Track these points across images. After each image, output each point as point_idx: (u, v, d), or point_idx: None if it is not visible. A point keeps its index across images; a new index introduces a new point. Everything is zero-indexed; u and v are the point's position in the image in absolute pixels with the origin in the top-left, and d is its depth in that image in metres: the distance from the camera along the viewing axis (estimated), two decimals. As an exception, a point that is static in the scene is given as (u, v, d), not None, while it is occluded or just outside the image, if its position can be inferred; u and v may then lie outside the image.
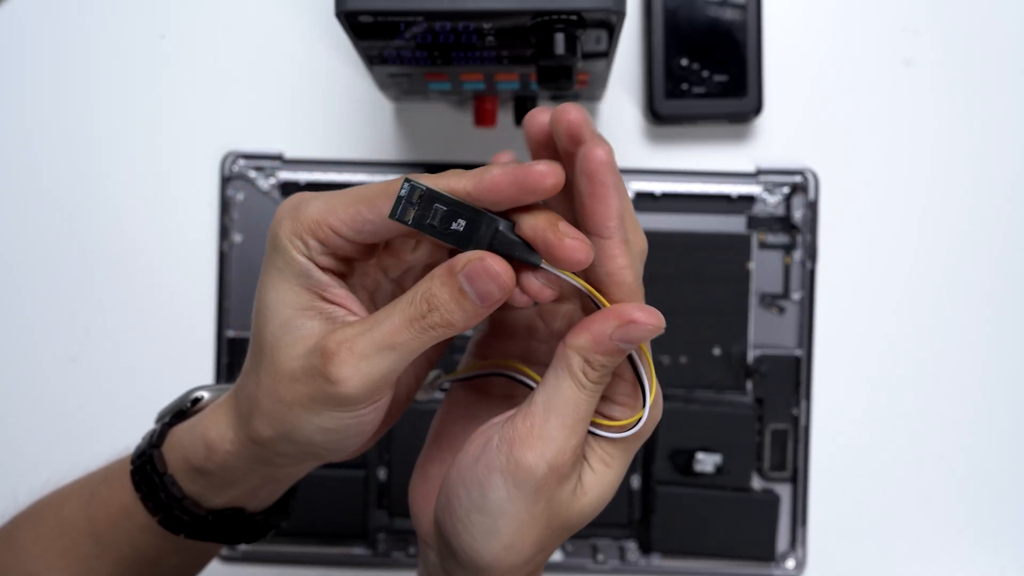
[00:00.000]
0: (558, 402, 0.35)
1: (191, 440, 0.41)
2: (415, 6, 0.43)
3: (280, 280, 0.36)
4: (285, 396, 0.36)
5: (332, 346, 0.34)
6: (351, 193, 0.35)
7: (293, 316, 0.36)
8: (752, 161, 0.64)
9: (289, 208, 0.36)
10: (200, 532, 0.43)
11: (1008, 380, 0.65)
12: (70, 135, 0.65)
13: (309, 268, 0.36)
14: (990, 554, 0.65)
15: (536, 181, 0.33)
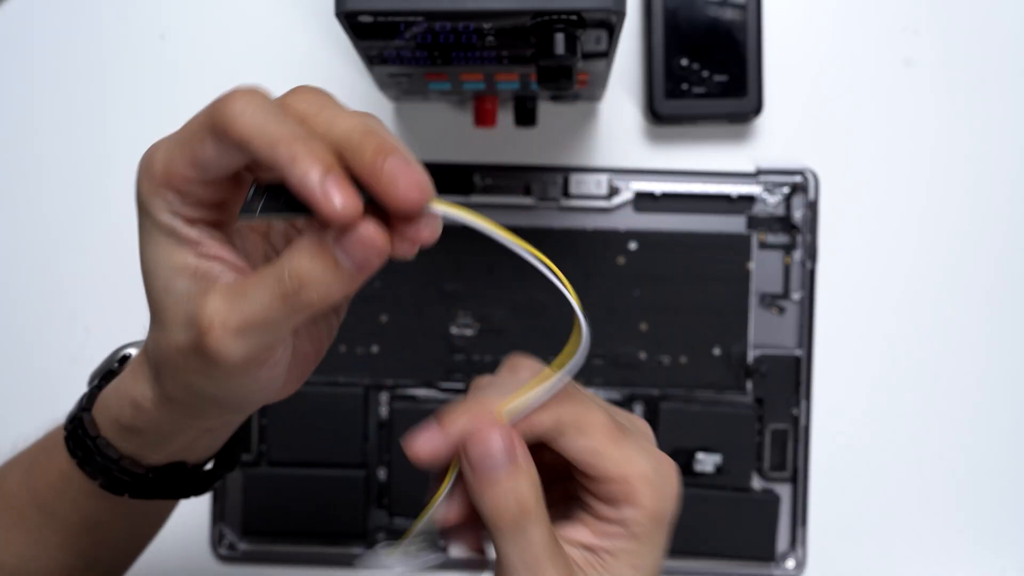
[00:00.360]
0: (504, 563, 0.34)
1: (117, 400, 0.40)
2: (415, 6, 0.43)
3: (152, 242, 0.34)
4: (179, 363, 0.35)
5: (205, 322, 0.32)
6: (184, 130, 0.33)
7: (170, 277, 0.34)
8: (752, 161, 0.64)
9: (143, 164, 0.34)
10: (143, 491, 0.42)
11: (1008, 380, 0.65)
12: (70, 135, 0.65)
13: (175, 225, 0.34)
14: (990, 554, 0.65)
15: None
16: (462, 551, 0.37)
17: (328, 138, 0.31)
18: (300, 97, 0.33)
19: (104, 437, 0.41)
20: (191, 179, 0.33)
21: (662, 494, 0.35)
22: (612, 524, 0.35)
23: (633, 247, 0.64)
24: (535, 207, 0.64)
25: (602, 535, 0.35)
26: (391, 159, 0.30)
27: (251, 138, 0.30)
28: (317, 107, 0.32)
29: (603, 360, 0.63)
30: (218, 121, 0.31)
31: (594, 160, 0.65)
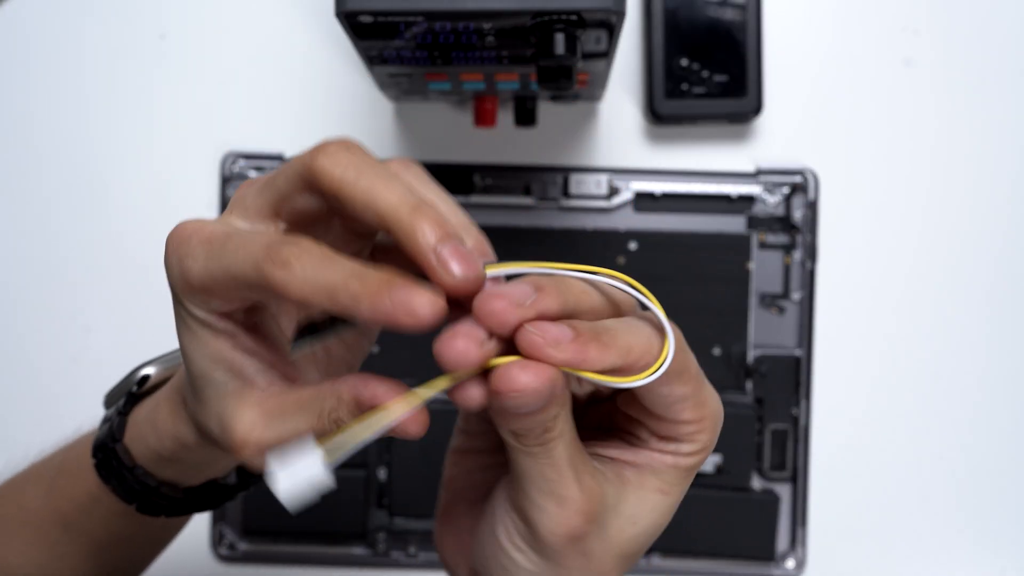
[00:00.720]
0: (520, 473, 0.32)
1: (156, 435, 0.39)
2: (415, 6, 0.43)
3: (188, 330, 0.34)
4: (214, 441, 0.34)
5: (239, 439, 0.32)
6: (225, 263, 0.31)
7: (208, 367, 0.33)
8: (752, 161, 0.64)
9: (175, 264, 0.33)
10: (179, 510, 0.42)
11: (1008, 380, 0.65)
12: (70, 135, 0.65)
13: (212, 320, 0.33)
14: (990, 554, 0.65)
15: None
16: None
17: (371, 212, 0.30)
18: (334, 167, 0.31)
19: (141, 467, 0.40)
20: (229, 300, 0.32)
21: (717, 433, 0.34)
22: (659, 454, 0.34)
23: (633, 247, 0.64)
24: (535, 207, 0.64)
25: (644, 458, 0.34)
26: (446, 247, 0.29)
27: (312, 298, 0.29)
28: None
29: (603, 360, 0.63)
30: (269, 285, 0.29)
31: (594, 160, 0.65)
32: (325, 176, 0.30)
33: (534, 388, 0.29)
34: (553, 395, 0.30)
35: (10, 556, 0.44)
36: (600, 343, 0.30)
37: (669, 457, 0.34)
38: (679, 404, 0.33)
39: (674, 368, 0.32)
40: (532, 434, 0.31)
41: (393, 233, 0.29)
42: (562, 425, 0.31)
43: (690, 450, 0.34)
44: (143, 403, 0.41)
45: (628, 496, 0.34)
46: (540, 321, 0.30)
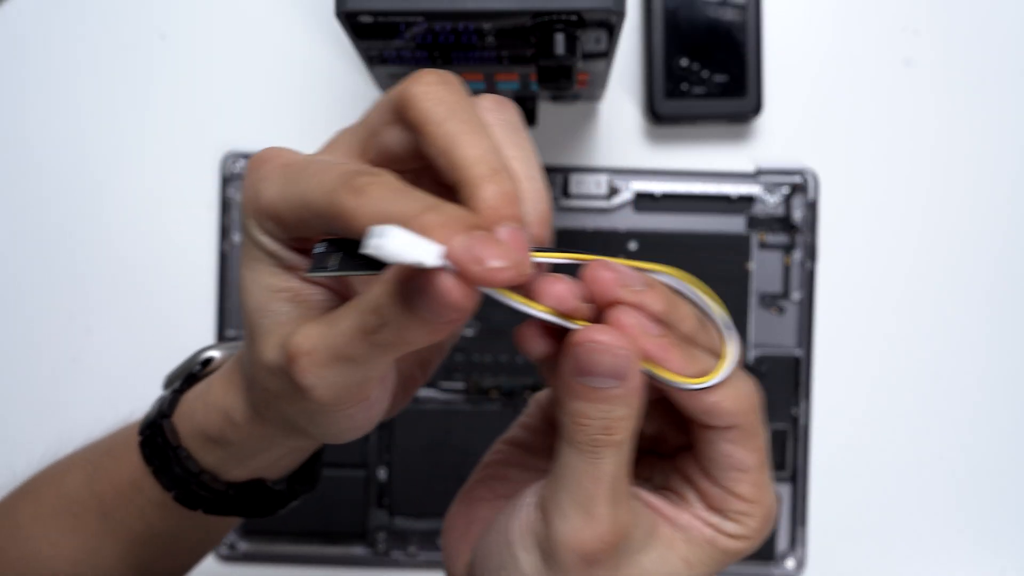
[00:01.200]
0: (560, 471, 0.30)
1: (204, 409, 0.37)
2: (415, 6, 0.43)
3: (253, 260, 0.32)
4: (269, 386, 0.32)
5: (293, 349, 0.29)
6: (298, 192, 0.29)
7: (267, 298, 0.32)
8: (752, 161, 0.64)
9: (250, 186, 0.31)
10: (219, 507, 0.39)
11: (1008, 380, 0.65)
12: (70, 135, 0.65)
13: (278, 249, 0.31)
14: (990, 554, 0.65)
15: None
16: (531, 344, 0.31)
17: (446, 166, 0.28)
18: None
19: (185, 448, 0.38)
20: (296, 225, 0.31)
21: (766, 531, 0.33)
22: (700, 523, 0.33)
23: (633, 247, 0.64)
24: (535, 207, 0.64)
25: (684, 521, 0.33)
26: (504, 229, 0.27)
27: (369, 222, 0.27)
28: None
29: (603, 360, 0.63)
30: (339, 213, 0.28)
31: (594, 160, 0.65)
32: (413, 106, 0.28)
33: (614, 350, 0.28)
34: (627, 381, 0.29)
35: (43, 546, 0.42)
36: (685, 353, 0.30)
37: (709, 530, 0.33)
38: (738, 473, 0.32)
39: (745, 426, 0.31)
40: (592, 427, 0.29)
41: (459, 190, 0.28)
42: (621, 437, 0.29)
43: (733, 531, 0.33)
44: (198, 384, 0.40)
45: (652, 550, 0.32)
46: (637, 310, 0.29)
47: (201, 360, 0.41)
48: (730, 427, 0.31)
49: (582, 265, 0.30)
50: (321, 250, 0.29)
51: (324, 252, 0.29)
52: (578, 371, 0.29)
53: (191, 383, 0.40)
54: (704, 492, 0.33)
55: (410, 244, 0.25)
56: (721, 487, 0.32)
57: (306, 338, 0.29)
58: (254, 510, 0.40)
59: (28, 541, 0.42)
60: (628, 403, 0.29)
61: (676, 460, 0.34)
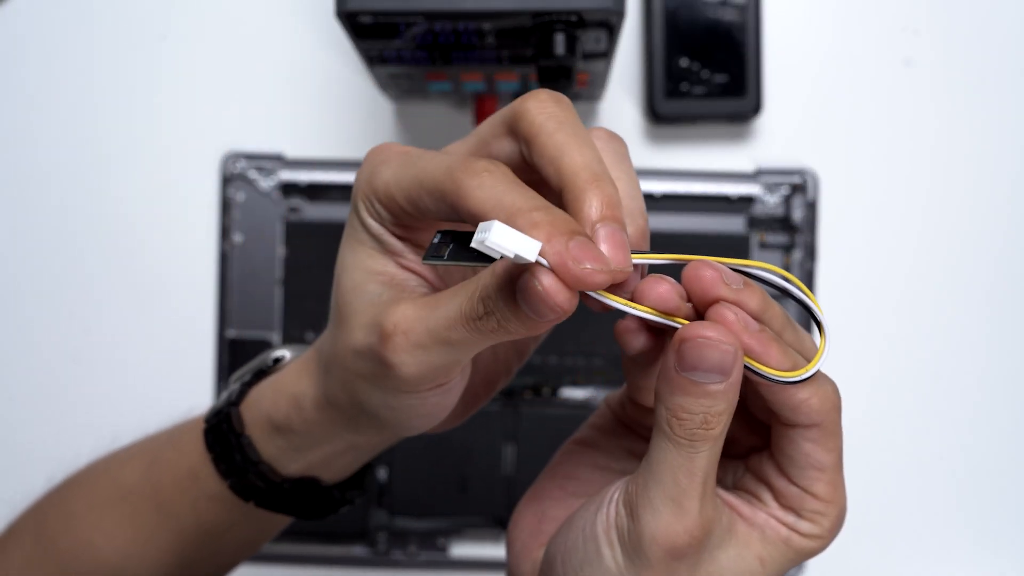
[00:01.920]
0: (653, 467, 0.30)
1: (273, 395, 0.39)
2: (415, 6, 0.43)
3: (355, 241, 0.34)
4: (351, 366, 0.34)
5: (389, 327, 0.31)
6: (417, 170, 0.31)
7: (364, 279, 0.33)
8: (752, 161, 0.64)
9: (368, 169, 0.33)
10: (272, 501, 0.40)
11: (1008, 380, 0.65)
12: (70, 135, 0.65)
13: (381, 232, 0.33)
14: (990, 554, 0.65)
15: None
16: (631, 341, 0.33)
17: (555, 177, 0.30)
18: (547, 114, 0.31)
19: (248, 436, 0.39)
20: (407, 211, 0.32)
21: (837, 531, 0.34)
22: (776, 522, 0.33)
23: (633, 247, 0.64)
24: (535, 207, 0.64)
25: (760, 519, 0.33)
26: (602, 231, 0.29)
27: (487, 212, 0.29)
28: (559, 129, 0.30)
29: (604, 360, 0.63)
30: (454, 190, 0.30)
31: (594, 160, 0.65)
32: (526, 118, 0.30)
33: (720, 346, 0.29)
34: (730, 376, 0.29)
35: (96, 536, 0.43)
36: (781, 348, 0.31)
37: (784, 529, 0.33)
38: (816, 472, 0.33)
39: (827, 426, 0.32)
40: (691, 420, 0.30)
41: (564, 194, 0.29)
42: (719, 431, 0.30)
43: (808, 531, 0.33)
44: (269, 376, 0.41)
45: (730, 548, 0.33)
46: (736, 306, 0.30)
47: (273, 358, 0.42)
48: (812, 425, 0.33)
49: (680, 265, 0.31)
50: (436, 240, 0.30)
51: (439, 242, 0.30)
52: (684, 366, 0.29)
53: (260, 378, 0.41)
54: (780, 491, 0.33)
55: (512, 239, 0.27)
56: (798, 486, 0.33)
57: (403, 317, 0.31)
58: (304, 509, 0.41)
59: (81, 530, 0.43)
60: (729, 398, 0.30)
61: (749, 461, 0.35)
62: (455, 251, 0.30)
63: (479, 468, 0.63)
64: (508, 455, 0.63)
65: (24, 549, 0.44)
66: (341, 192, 0.64)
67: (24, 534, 0.45)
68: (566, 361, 0.63)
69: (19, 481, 0.47)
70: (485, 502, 0.63)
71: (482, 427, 0.63)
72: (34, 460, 0.64)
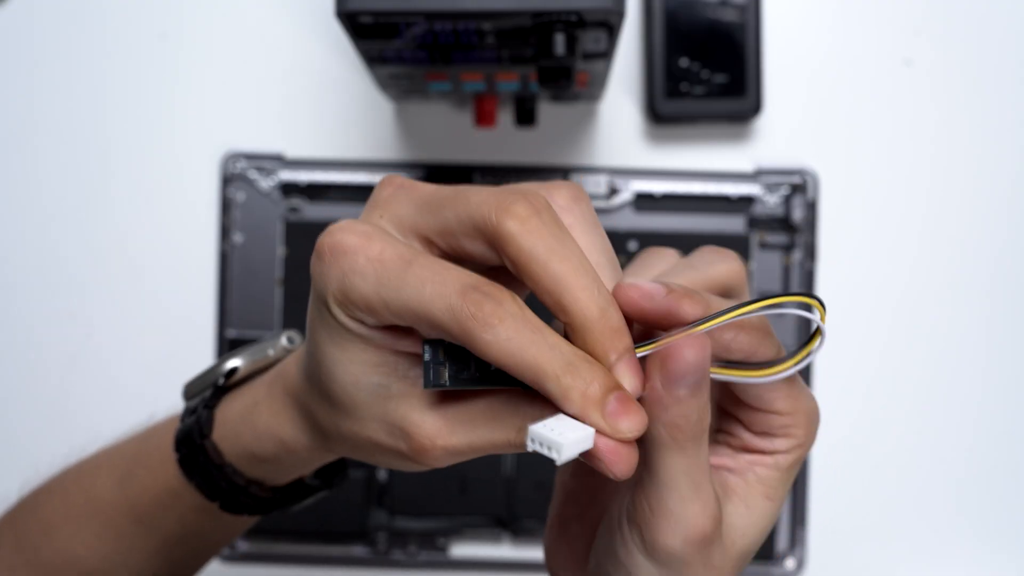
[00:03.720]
0: (664, 478, 0.31)
1: (254, 435, 0.38)
2: (415, 6, 0.43)
3: (339, 339, 0.32)
4: (368, 450, 0.34)
5: (424, 442, 0.31)
6: (405, 296, 0.30)
7: (363, 372, 0.32)
8: (752, 161, 0.64)
9: (336, 277, 0.31)
10: (262, 509, 0.41)
11: (1008, 380, 0.65)
12: (70, 135, 0.65)
13: (366, 332, 0.32)
14: (990, 554, 0.65)
15: None
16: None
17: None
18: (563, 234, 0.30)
19: (231, 464, 0.39)
20: (395, 323, 0.31)
21: (814, 431, 0.34)
22: (758, 454, 0.34)
23: (633, 247, 0.64)
24: (535, 207, 0.64)
25: (744, 462, 0.34)
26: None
27: (509, 367, 0.29)
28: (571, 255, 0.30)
29: (603, 360, 0.63)
30: (464, 338, 0.29)
31: (594, 160, 0.65)
32: (512, 246, 0.29)
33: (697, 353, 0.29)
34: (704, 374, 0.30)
35: (77, 547, 0.43)
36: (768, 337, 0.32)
37: (768, 457, 0.34)
38: (771, 392, 0.33)
39: (768, 353, 0.32)
40: (689, 424, 0.30)
41: (573, 332, 0.30)
42: (709, 420, 0.31)
43: (786, 446, 0.34)
44: (232, 396, 0.40)
45: (735, 506, 0.33)
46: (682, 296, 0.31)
47: (225, 371, 0.41)
48: None
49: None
50: (428, 357, 0.30)
51: (432, 361, 0.29)
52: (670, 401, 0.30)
53: (219, 395, 0.41)
54: (748, 422, 0.34)
55: (577, 445, 0.28)
56: (759, 410, 0.33)
57: (437, 431, 0.31)
58: (290, 504, 0.43)
59: (61, 541, 0.43)
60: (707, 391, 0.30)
61: (716, 398, 0.35)
62: (455, 371, 0.29)
63: (479, 468, 0.63)
64: (508, 455, 0.63)
65: (4, 557, 0.44)
66: (341, 192, 0.64)
67: (2, 544, 0.45)
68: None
69: (19, 481, 0.47)
70: (485, 502, 0.63)
71: (482, 427, 0.63)
72: (34, 460, 0.64)
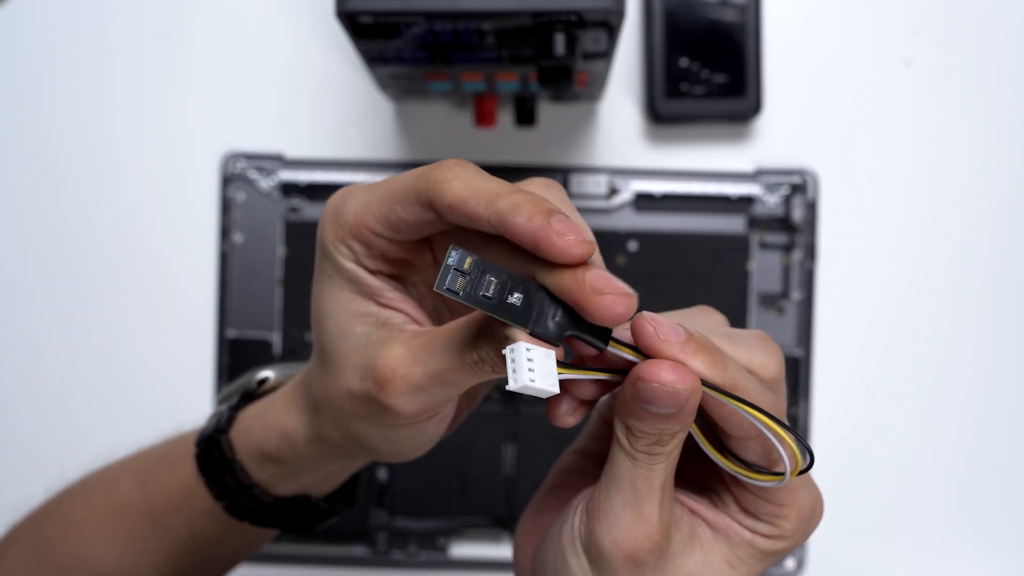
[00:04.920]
0: (614, 474, 0.31)
1: (263, 428, 0.40)
2: (415, 6, 0.43)
3: (332, 287, 0.34)
4: (346, 408, 0.35)
5: (387, 373, 0.32)
6: (385, 188, 0.32)
7: (349, 323, 0.34)
8: (752, 161, 0.64)
9: (331, 210, 0.33)
10: (265, 519, 0.42)
11: (1008, 380, 0.65)
12: (70, 135, 0.65)
13: (358, 273, 0.34)
14: (990, 554, 0.65)
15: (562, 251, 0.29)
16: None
17: None
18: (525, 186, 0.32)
19: (240, 462, 0.40)
20: (381, 235, 0.33)
21: (807, 529, 0.34)
22: (737, 524, 0.33)
23: (633, 247, 0.64)
24: (535, 207, 0.64)
25: (722, 522, 0.33)
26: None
27: (467, 199, 0.30)
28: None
29: (603, 360, 0.63)
30: (429, 187, 0.31)
31: (594, 160, 0.65)
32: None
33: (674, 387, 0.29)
34: (683, 410, 0.30)
35: (95, 548, 0.44)
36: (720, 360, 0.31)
37: (747, 532, 0.33)
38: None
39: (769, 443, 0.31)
40: (646, 438, 0.31)
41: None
42: (673, 448, 0.31)
43: (768, 532, 0.33)
44: (256, 402, 0.42)
45: (694, 553, 0.33)
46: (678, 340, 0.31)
47: (257, 379, 0.43)
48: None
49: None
50: (451, 262, 0.29)
51: (455, 266, 0.29)
52: (639, 400, 0.30)
53: (247, 401, 0.42)
54: (737, 494, 0.33)
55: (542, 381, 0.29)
56: (751, 491, 0.33)
57: (400, 362, 0.32)
58: (296, 524, 0.43)
59: (79, 540, 0.44)
60: (682, 422, 0.30)
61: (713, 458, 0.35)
62: (471, 289, 0.29)
63: (479, 468, 0.63)
64: (508, 455, 0.63)
65: (23, 556, 0.45)
66: (341, 192, 0.64)
67: (23, 541, 0.46)
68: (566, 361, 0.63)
69: (19, 482, 0.47)
70: (485, 502, 0.63)
71: (482, 427, 0.63)
72: (34, 461, 0.64)
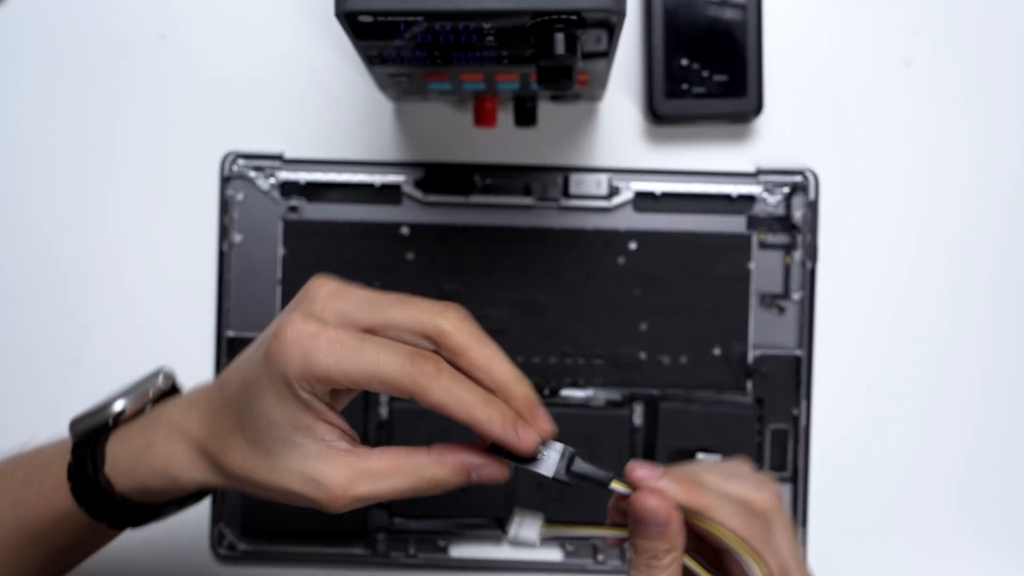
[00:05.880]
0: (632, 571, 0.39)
1: (148, 472, 0.43)
2: (415, 6, 0.43)
3: (282, 403, 0.39)
4: (276, 495, 0.41)
5: (337, 491, 0.39)
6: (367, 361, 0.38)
7: (292, 433, 0.39)
8: (752, 161, 0.64)
9: (299, 353, 0.38)
10: (147, 521, 0.46)
11: (1008, 380, 0.65)
12: (69, 135, 0.65)
13: (312, 402, 0.39)
14: (990, 554, 0.65)
15: None
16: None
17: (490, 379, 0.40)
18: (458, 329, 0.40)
19: (119, 494, 0.44)
20: (346, 387, 0.39)
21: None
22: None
23: (633, 247, 0.64)
24: (535, 207, 0.64)
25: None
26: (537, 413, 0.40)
27: (447, 405, 0.38)
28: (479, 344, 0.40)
29: (603, 360, 0.63)
30: (414, 391, 0.38)
31: (594, 160, 0.65)
32: (453, 338, 0.39)
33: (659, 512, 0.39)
34: (667, 529, 0.39)
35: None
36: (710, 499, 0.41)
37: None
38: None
39: None
40: (645, 553, 0.39)
41: (501, 391, 0.39)
42: (667, 563, 0.39)
43: None
44: (121, 434, 0.45)
45: None
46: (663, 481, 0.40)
47: (114, 413, 0.46)
48: None
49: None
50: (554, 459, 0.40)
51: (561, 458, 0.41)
52: (634, 519, 0.39)
53: (106, 432, 0.45)
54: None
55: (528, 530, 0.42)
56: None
57: (345, 481, 0.39)
58: (177, 511, 0.48)
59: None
60: (670, 540, 0.39)
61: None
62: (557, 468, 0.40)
63: (479, 468, 0.63)
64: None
65: None
66: (341, 192, 0.64)
67: None
68: (566, 362, 0.63)
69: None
70: (485, 503, 0.63)
71: (482, 427, 0.63)
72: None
